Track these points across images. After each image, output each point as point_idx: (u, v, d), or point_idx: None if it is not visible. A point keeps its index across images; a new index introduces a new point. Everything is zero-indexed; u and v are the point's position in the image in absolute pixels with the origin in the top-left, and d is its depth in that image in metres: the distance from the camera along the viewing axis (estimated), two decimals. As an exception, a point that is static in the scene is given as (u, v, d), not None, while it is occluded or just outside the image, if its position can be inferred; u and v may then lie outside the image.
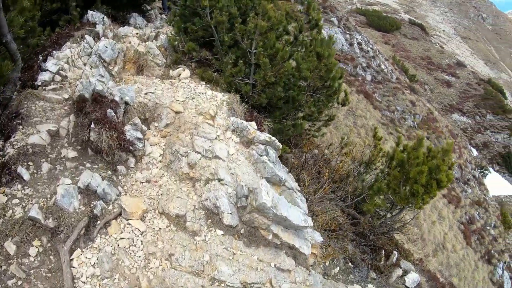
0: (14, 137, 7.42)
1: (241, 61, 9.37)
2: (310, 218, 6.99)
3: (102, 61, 9.08)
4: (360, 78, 24.42)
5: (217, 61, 9.98)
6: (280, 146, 7.78)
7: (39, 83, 8.90)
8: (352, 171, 11.74)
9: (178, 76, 9.80)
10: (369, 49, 25.96)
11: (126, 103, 7.89)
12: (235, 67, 9.55)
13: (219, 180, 6.80)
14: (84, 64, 9.48)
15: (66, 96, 8.47)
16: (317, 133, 12.23)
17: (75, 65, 9.52)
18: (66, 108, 8.20)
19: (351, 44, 25.23)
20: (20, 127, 7.62)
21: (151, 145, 7.79)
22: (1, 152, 7.22)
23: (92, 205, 6.49)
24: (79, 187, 6.55)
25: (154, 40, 10.55)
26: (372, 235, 9.93)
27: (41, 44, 10.66)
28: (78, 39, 10.17)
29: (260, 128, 9.02)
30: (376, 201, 9.85)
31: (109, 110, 7.20)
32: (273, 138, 7.67)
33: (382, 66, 25.41)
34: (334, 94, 10.38)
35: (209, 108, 8.25)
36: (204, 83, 9.70)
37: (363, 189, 10.95)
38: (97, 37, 10.48)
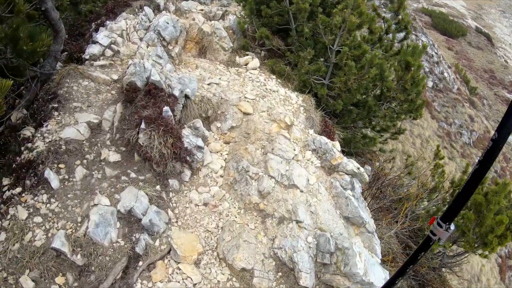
0: (46, 126, 5.32)
1: (321, 59, 6.90)
2: (388, 272, 4.80)
3: (161, 39, 6.78)
4: (421, 83, 20.88)
5: (292, 54, 7.54)
6: (367, 178, 5.48)
7: (87, 57, 6.74)
8: (413, 195, 9.32)
9: (246, 64, 7.44)
10: (433, 53, 22.45)
11: (187, 96, 5.63)
12: (312, 64, 7.09)
13: (298, 222, 4.61)
14: (140, 39, 7.20)
15: (115, 77, 6.27)
16: (384, 146, 9.74)
17: (129, 39, 7.25)
18: (113, 92, 6.01)
19: None
20: (56, 113, 5.50)
21: (211, 152, 5.55)
22: (30, 144, 5.11)
23: (133, 238, 4.39)
24: (118, 211, 4.44)
25: (220, 20, 8.13)
26: (423, 270, 7.74)
27: (95, 11, 8.40)
28: (136, 10, 7.87)
29: (332, 137, 6.66)
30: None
31: (165, 108, 4.97)
32: (361, 169, 5.37)
33: (445, 74, 21.94)
34: (416, 111, 7.83)
35: (284, 115, 5.92)
36: (274, 77, 7.33)
37: (423, 217, 8.58)
38: (157, 9, 8.15)
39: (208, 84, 6.36)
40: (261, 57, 7.82)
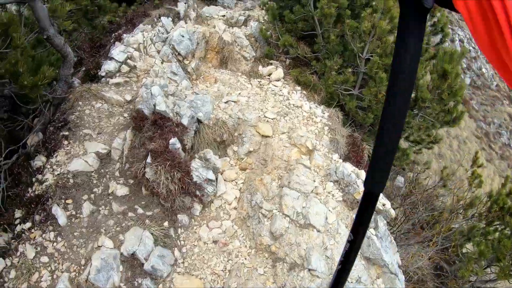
0: (56, 156, 5.17)
1: (349, 69, 6.25)
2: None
3: (176, 54, 6.41)
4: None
5: (318, 63, 6.90)
6: (393, 214, 4.88)
7: (103, 73, 6.55)
8: (447, 210, 8.48)
9: (269, 75, 6.93)
10: (471, 48, 20.49)
11: (199, 120, 5.25)
12: (340, 74, 6.46)
13: (310, 270, 4.12)
14: (158, 52, 6.88)
15: (129, 98, 6.03)
16: (418, 157, 8.91)
17: (147, 52, 6.96)
18: (125, 115, 5.77)
19: (452, 41, 19.93)
20: (66, 142, 5.33)
21: (225, 180, 5.18)
22: (40, 176, 5.00)
23: (136, 283, 4.14)
24: (121, 254, 4.18)
25: (242, 27, 7.61)
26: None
27: (116, 21, 8.18)
28: (155, 20, 7.54)
29: (359, 158, 6.06)
30: (475, 269, 6.76)
31: (172, 141, 4.63)
32: (388, 204, 4.78)
33: (483, 69, 19.98)
34: (454, 122, 6.96)
35: (306, 139, 5.41)
36: (299, 88, 6.78)
37: (456, 235, 7.78)
38: (177, 17, 7.78)
39: (226, 103, 5.94)
40: (285, 65, 7.26)
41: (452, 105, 6.88)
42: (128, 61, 6.72)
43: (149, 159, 4.60)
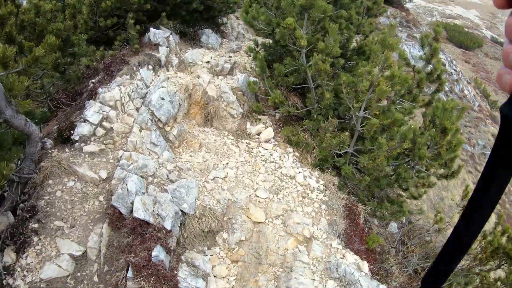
0: (26, 257, 4.50)
1: (346, 133, 5.73)
2: None
3: (157, 119, 5.73)
4: (441, 105, 18.82)
5: (311, 122, 6.35)
6: None
7: (76, 137, 5.87)
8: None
9: (258, 134, 6.34)
10: (452, 71, 20.13)
11: (183, 212, 4.66)
12: (335, 136, 5.93)
13: None
14: (137, 110, 6.19)
15: (104, 175, 5.38)
16: (408, 199, 8.52)
17: (124, 110, 6.27)
18: (101, 198, 5.11)
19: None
20: (36, 238, 4.68)
21: (215, 276, 4.62)
22: (11, 280, 4.34)
23: None
24: None
25: (229, 76, 6.94)
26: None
27: (93, 66, 7.39)
28: (135, 68, 6.80)
29: (362, 234, 5.62)
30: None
31: (154, 253, 4.04)
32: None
33: (465, 92, 19.70)
34: (451, 176, 6.58)
35: (303, 227, 4.87)
36: (291, 150, 6.23)
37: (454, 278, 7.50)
38: (158, 65, 7.06)
39: (213, 180, 5.34)
40: (275, 120, 6.67)
41: (449, 161, 6.50)
42: (104, 122, 6.02)
43: (130, 273, 4.00)
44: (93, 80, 7.13)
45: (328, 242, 4.92)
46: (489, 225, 11.17)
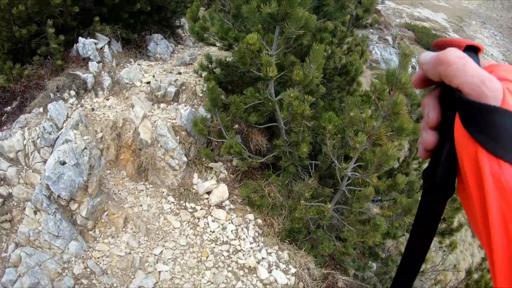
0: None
1: (328, 205, 4.12)
2: None
3: (55, 197, 3.86)
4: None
5: (280, 176, 4.69)
6: None
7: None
8: None
9: (208, 193, 4.63)
10: None
11: None
12: (312, 204, 4.32)
13: None
14: (45, 162, 4.29)
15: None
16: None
17: (29, 164, 4.36)
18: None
19: None
20: None
21: None
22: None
23: None
24: None
25: (171, 105, 5.12)
26: None
27: (10, 88, 5.38)
28: (52, 96, 4.89)
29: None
30: None
31: None
32: None
33: None
34: (450, 234, 5.23)
35: None
36: (252, 217, 4.55)
37: None
38: (83, 89, 5.16)
39: None
40: (232, 168, 4.96)
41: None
42: (1, 185, 4.13)
43: None
44: (7, 108, 5.17)
45: None
46: (475, 259, 9.80)
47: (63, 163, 3.72)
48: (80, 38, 5.61)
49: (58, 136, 4.37)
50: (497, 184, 0.43)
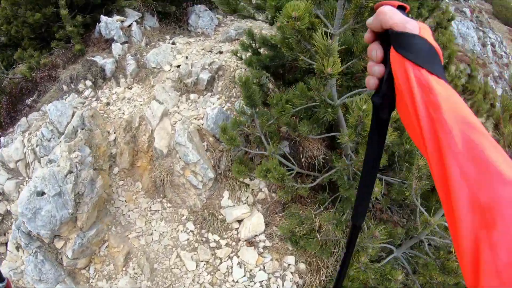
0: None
1: (399, 272, 2.72)
2: None
3: (36, 235, 3.02)
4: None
5: (335, 213, 3.34)
6: None
7: None
8: None
9: (239, 222, 3.51)
10: (503, 53, 15.10)
11: None
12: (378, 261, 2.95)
13: None
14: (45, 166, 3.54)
15: None
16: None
17: (29, 175, 3.67)
18: None
19: (483, 45, 14.44)
20: None
21: None
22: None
23: None
24: None
25: (205, 95, 3.94)
26: None
27: (32, 78, 4.76)
28: (65, 88, 4.11)
29: None
30: None
31: None
32: None
33: None
34: None
35: None
36: (292, 261, 3.34)
37: None
38: (101, 78, 4.26)
39: None
40: (270, 192, 3.73)
41: None
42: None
43: None
44: (28, 101, 4.57)
45: None
46: None
47: (41, 193, 2.85)
48: (102, 16, 4.62)
49: (60, 143, 3.54)
50: (419, 82, 0.62)
